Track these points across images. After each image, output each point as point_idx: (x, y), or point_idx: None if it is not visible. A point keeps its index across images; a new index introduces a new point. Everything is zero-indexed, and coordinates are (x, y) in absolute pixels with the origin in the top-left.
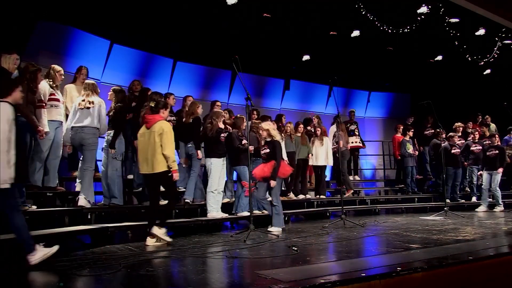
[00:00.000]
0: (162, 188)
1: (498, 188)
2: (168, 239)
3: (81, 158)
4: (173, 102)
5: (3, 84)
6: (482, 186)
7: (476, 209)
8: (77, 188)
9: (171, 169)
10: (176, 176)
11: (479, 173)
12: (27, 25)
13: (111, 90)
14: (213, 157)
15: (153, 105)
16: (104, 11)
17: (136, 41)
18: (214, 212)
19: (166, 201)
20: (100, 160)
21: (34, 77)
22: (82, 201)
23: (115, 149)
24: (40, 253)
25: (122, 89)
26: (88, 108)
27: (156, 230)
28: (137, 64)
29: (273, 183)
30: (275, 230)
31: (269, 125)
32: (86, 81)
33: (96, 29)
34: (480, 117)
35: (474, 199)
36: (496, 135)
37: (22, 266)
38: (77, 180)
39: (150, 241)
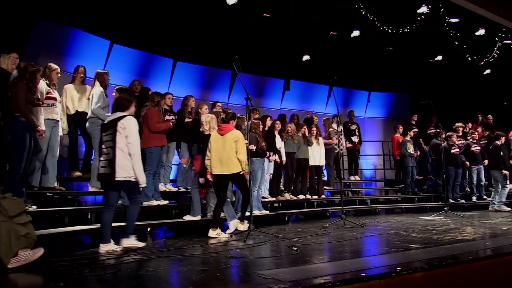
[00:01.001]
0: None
1: None
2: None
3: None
4: (170, 102)
5: (123, 101)
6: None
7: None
8: (90, 189)
9: (244, 171)
10: (246, 176)
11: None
12: (27, 25)
13: (115, 90)
14: None
15: (224, 116)
16: (104, 11)
17: (136, 41)
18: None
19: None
20: None
21: (33, 77)
22: None
23: None
24: (131, 241)
25: (126, 88)
26: (88, 99)
27: (235, 223)
28: (137, 64)
29: (201, 179)
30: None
31: (205, 118)
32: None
33: (96, 29)
34: (480, 116)
35: (474, 199)
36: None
37: (23, 266)
38: (89, 185)
39: (212, 233)
